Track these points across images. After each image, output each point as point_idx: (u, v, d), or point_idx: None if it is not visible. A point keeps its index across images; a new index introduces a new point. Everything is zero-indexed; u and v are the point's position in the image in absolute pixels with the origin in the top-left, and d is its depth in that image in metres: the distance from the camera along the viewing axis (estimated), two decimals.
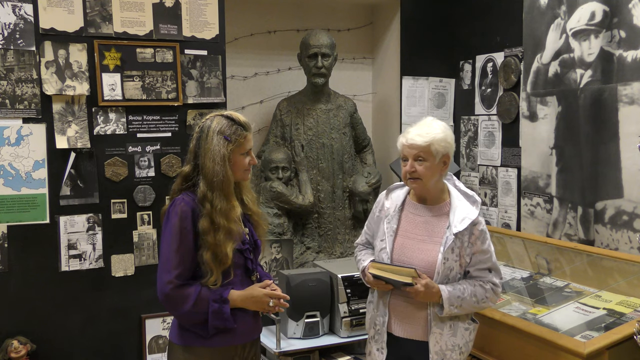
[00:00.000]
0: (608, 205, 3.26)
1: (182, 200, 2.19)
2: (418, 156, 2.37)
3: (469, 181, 4.39)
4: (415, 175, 2.38)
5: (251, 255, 2.31)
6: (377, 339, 2.49)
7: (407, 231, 2.47)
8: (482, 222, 2.43)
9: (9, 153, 3.06)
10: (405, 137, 2.42)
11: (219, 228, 2.14)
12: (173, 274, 2.13)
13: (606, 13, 3.24)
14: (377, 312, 2.50)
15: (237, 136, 2.21)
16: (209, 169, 2.17)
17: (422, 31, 4.44)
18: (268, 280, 2.33)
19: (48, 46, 3.11)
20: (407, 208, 2.51)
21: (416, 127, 2.42)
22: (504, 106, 4.00)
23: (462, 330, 2.42)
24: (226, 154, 2.18)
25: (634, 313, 2.69)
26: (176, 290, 2.13)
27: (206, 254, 2.14)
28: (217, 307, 2.15)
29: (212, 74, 3.48)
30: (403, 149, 2.41)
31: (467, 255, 2.39)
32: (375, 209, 2.61)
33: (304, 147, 4.11)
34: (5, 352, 2.99)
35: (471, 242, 2.39)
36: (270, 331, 3.54)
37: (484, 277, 2.42)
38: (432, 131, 2.38)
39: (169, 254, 2.15)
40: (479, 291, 2.39)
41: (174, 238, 2.15)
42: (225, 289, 2.19)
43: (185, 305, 2.13)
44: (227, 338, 2.21)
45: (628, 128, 3.14)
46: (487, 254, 2.43)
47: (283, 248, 3.93)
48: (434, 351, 2.38)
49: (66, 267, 3.19)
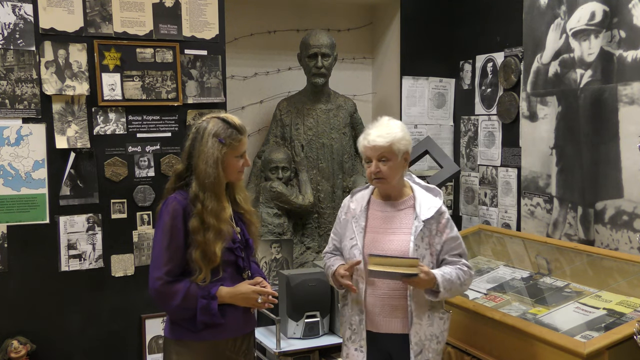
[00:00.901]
0: (608, 205, 3.26)
1: (174, 199, 2.24)
2: (381, 157, 2.44)
3: (469, 181, 4.39)
4: (380, 175, 2.45)
5: (242, 253, 2.34)
6: (354, 339, 2.51)
7: (376, 227, 2.52)
8: (447, 211, 2.54)
9: (9, 153, 3.06)
10: (366, 139, 2.48)
11: (208, 228, 2.20)
12: (163, 270, 2.19)
13: (606, 13, 3.24)
14: (352, 312, 2.52)
15: (232, 139, 2.26)
16: (202, 170, 2.22)
17: (422, 31, 4.44)
18: (259, 278, 2.36)
19: (48, 46, 3.11)
20: (372, 206, 2.57)
21: (375, 128, 2.49)
22: (504, 106, 4.00)
23: (438, 320, 2.49)
24: (219, 157, 2.23)
25: (634, 313, 2.69)
26: (165, 287, 2.19)
27: (195, 252, 2.19)
28: (205, 303, 2.20)
29: (212, 74, 3.48)
30: (366, 151, 2.48)
31: (437, 244, 2.47)
32: (341, 213, 2.66)
33: (304, 147, 4.11)
34: (5, 352, 2.99)
35: (439, 230, 2.48)
36: (270, 331, 3.54)
37: (458, 261, 2.51)
38: (391, 131, 2.47)
39: (160, 251, 2.21)
40: (460, 273, 2.47)
41: (165, 236, 2.21)
42: (214, 286, 2.23)
43: (173, 300, 2.18)
44: (216, 332, 2.26)
45: (628, 128, 3.14)
46: (457, 240, 2.52)
47: (283, 248, 3.93)
48: (414, 342, 2.43)
49: (66, 267, 3.19)
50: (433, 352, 2.46)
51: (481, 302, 3.10)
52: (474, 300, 3.13)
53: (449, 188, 4.53)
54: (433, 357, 2.47)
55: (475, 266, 3.71)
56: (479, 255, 3.89)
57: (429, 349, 2.45)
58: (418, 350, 2.43)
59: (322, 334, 3.49)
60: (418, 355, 2.44)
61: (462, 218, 4.48)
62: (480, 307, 2.98)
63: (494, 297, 3.16)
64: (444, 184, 3.97)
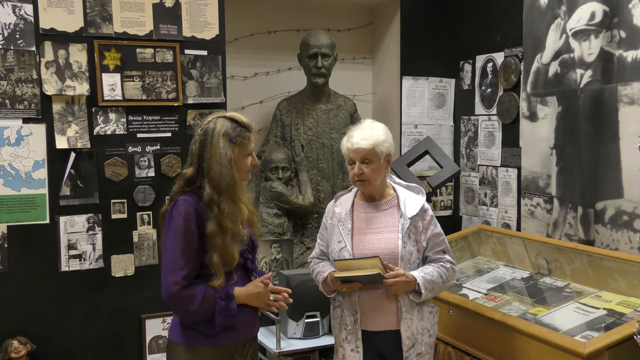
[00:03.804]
0: (608, 206, 3.26)
1: (185, 201, 2.17)
2: (365, 159, 2.48)
3: (469, 181, 4.39)
4: (364, 178, 2.49)
5: (250, 255, 2.33)
6: (349, 339, 2.52)
7: (362, 228, 2.55)
8: (430, 208, 2.59)
9: (9, 153, 3.06)
10: (350, 141, 2.50)
11: (226, 231, 2.15)
12: (180, 274, 2.13)
13: (606, 13, 3.24)
14: (346, 313, 2.53)
15: (242, 138, 2.22)
16: (216, 172, 2.15)
17: (422, 31, 4.44)
18: (268, 274, 2.34)
19: (48, 46, 3.11)
20: (357, 209, 2.60)
21: (358, 131, 2.52)
22: (504, 106, 4.00)
23: (427, 314, 2.54)
24: (233, 157, 2.18)
25: (634, 313, 2.69)
26: (183, 291, 2.13)
27: (215, 256, 2.14)
28: (224, 305, 2.16)
29: (212, 74, 3.48)
30: (349, 153, 2.51)
31: (423, 240, 2.52)
32: (326, 218, 2.68)
33: (304, 147, 4.12)
34: (5, 352, 2.99)
35: (425, 227, 2.53)
36: (270, 331, 3.54)
37: (442, 258, 2.55)
38: (374, 134, 2.50)
39: (175, 255, 2.14)
40: (442, 271, 2.52)
41: (179, 238, 2.14)
42: (229, 287, 2.20)
43: (192, 305, 2.13)
44: (230, 336, 2.22)
45: (628, 128, 3.14)
46: (441, 236, 2.57)
47: (283, 248, 3.93)
48: (406, 336, 2.47)
49: (66, 267, 3.19)
50: (425, 345, 2.51)
51: (481, 302, 3.10)
52: (474, 300, 3.13)
53: (449, 188, 4.53)
54: (425, 350, 2.52)
55: (475, 266, 3.71)
56: (479, 255, 3.89)
57: (422, 342, 2.50)
58: (410, 344, 2.48)
59: (322, 334, 3.49)
60: (410, 350, 2.48)
61: (462, 218, 4.48)
62: (480, 307, 2.98)
63: (494, 297, 3.16)
64: (444, 184, 3.97)
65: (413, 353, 2.48)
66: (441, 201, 4.53)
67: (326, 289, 2.58)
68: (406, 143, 4.41)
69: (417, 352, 2.49)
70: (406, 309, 2.47)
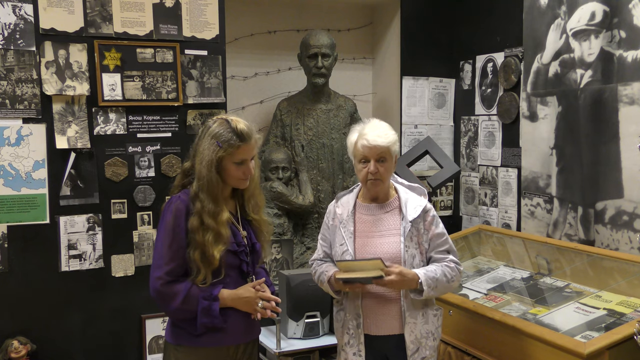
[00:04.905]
0: (608, 206, 3.26)
1: (178, 199, 2.22)
2: (380, 157, 2.43)
3: (469, 181, 4.39)
4: (378, 176, 2.45)
5: (247, 258, 2.30)
6: (352, 343, 2.49)
7: (364, 231, 2.52)
8: (432, 208, 2.54)
9: (9, 153, 3.06)
10: (365, 139, 2.44)
11: (207, 228, 2.16)
12: (164, 270, 2.16)
13: (606, 13, 3.24)
14: (349, 317, 2.50)
15: (229, 145, 2.20)
16: (197, 169, 2.20)
17: (422, 31, 4.43)
18: (261, 279, 2.32)
19: (48, 46, 3.11)
20: (359, 210, 2.57)
21: (371, 129, 2.47)
22: (504, 106, 4.00)
23: (432, 317, 2.50)
24: (213, 159, 2.18)
25: (634, 313, 2.69)
26: (166, 287, 2.16)
27: (194, 252, 2.16)
28: (206, 305, 2.16)
29: (212, 74, 3.48)
30: (364, 151, 2.44)
31: (425, 242, 2.49)
32: (327, 219, 2.64)
33: (304, 147, 4.11)
34: (5, 352, 3.00)
35: (426, 228, 2.49)
36: (270, 331, 3.54)
37: (445, 258, 2.51)
38: (389, 132, 2.48)
39: (161, 251, 2.18)
40: (447, 270, 2.47)
41: (167, 235, 2.18)
42: (215, 287, 2.20)
43: (174, 301, 2.15)
44: (217, 338, 2.21)
45: (628, 128, 3.14)
46: (444, 236, 2.53)
47: (283, 248, 3.93)
48: (410, 340, 2.44)
49: (66, 267, 3.19)
50: (430, 349, 2.48)
51: (481, 302, 3.10)
52: (474, 301, 3.13)
53: (449, 188, 4.53)
54: (430, 354, 2.48)
55: (475, 266, 3.71)
56: (479, 255, 3.89)
57: (426, 346, 2.46)
58: (414, 348, 2.44)
59: (322, 334, 3.49)
60: (414, 354, 2.44)
61: (462, 218, 4.48)
62: (480, 307, 2.98)
63: (494, 297, 3.16)
64: (444, 184, 3.97)
65: (417, 357, 2.45)
66: (441, 201, 4.53)
67: (331, 289, 2.54)
68: (406, 143, 4.41)
69: (421, 356, 2.45)
70: (409, 312, 2.44)
